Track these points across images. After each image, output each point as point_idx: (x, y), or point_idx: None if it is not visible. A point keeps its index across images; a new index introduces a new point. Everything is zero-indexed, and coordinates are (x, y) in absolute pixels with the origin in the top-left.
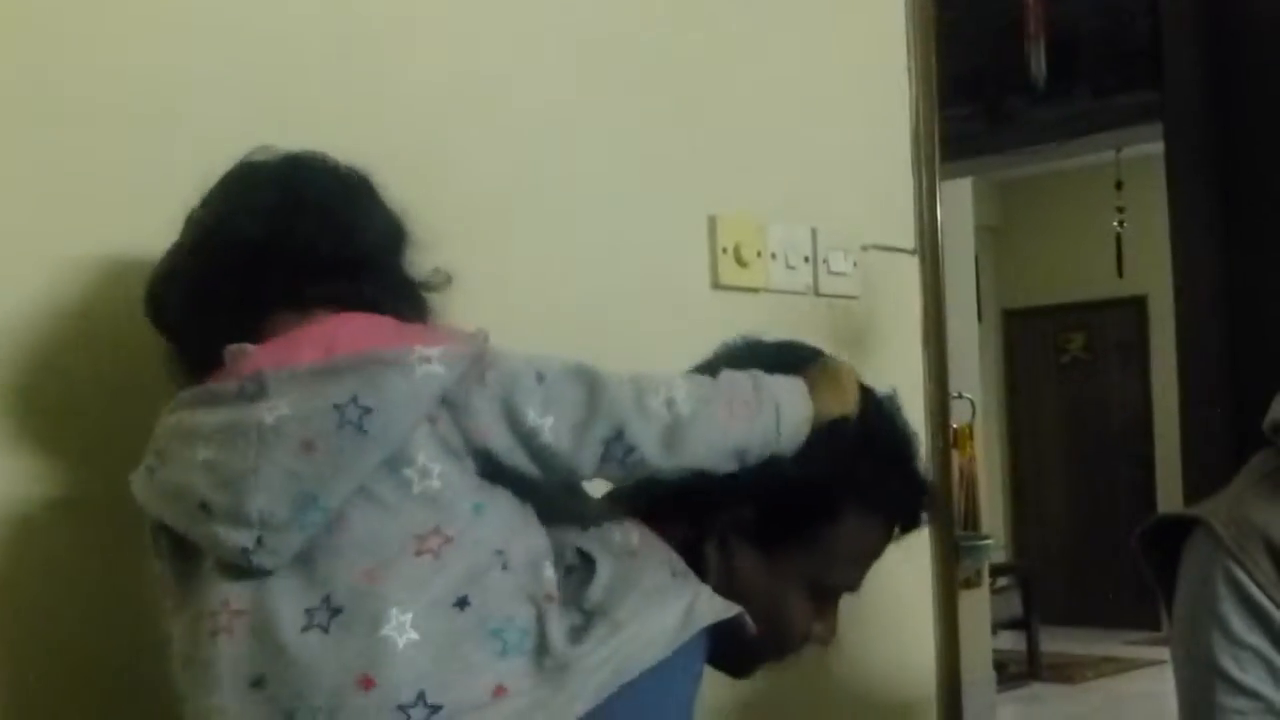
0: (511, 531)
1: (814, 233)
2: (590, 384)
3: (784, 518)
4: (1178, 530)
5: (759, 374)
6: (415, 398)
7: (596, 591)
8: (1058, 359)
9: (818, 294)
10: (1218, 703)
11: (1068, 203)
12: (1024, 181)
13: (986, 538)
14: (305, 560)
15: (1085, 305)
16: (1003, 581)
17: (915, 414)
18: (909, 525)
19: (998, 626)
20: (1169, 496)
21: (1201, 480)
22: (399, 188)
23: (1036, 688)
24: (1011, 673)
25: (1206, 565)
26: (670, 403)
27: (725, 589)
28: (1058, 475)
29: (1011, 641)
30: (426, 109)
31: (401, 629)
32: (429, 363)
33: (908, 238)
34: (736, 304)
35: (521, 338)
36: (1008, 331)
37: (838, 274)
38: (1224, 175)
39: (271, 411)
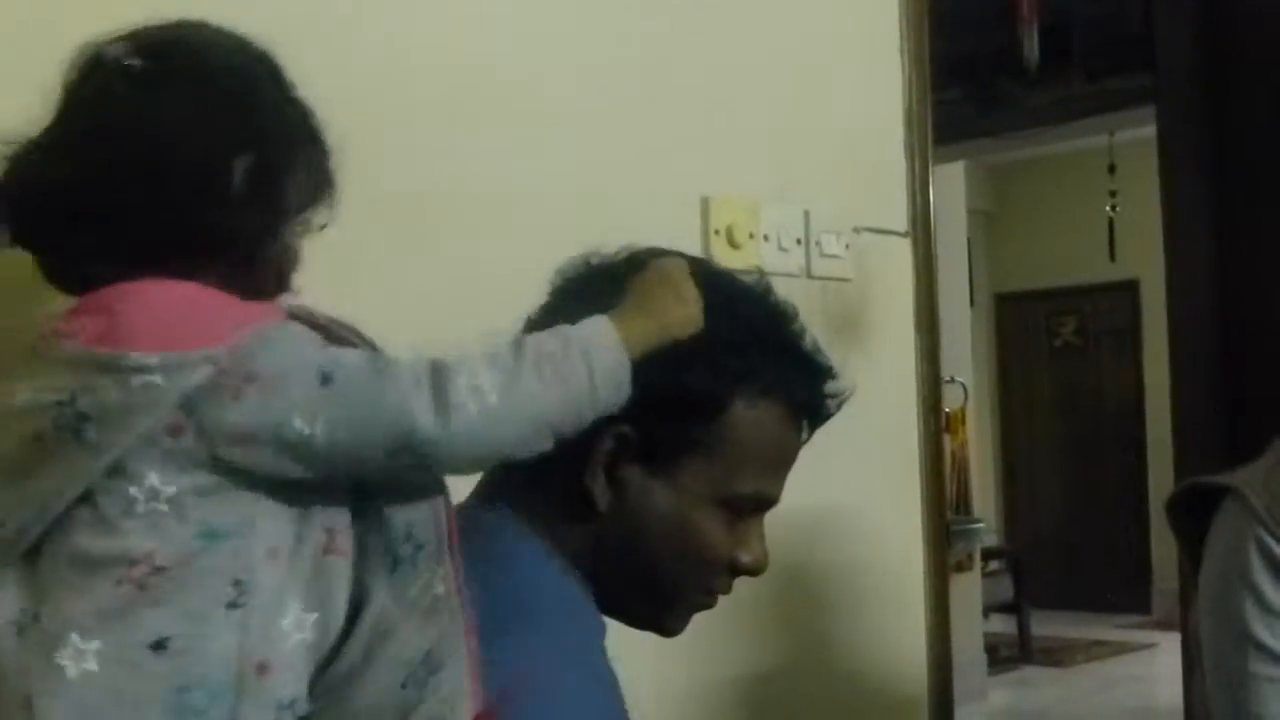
0: (268, 557)
1: (807, 215)
2: (382, 381)
3: (669, 425)
4: (1208, 499)
5: (566, 331)
6: (132, 410)
7: (328, 677)
8: (1050, 343)
9: (810, 276)
10: (1251, 670)
11: (1061, 187)
12: (1017, 165)
13: (978, 521)
14: (34, 557)
15: (1078, 290)
16: (994, 565)
17: (908, 398)
18: (811, 409)
19: (989, 610)
20: (1160, 480)
21: (1194, 464)
22: (393, 174)
23: (1027, 671)
24: (1002, 656)
25: (1239, 533)
26: (476, 390)
27: (628, 529)
28: (1050, 459)
29: (1002, 625)
30: (419, 94)
31: (80, 658)
32: (147, 373)
33: (900, 220)
34: None
35: (517, 319)
36: (1000, 316)
37: (830, 256)
38: (1217, 159)
39: (15, 394)
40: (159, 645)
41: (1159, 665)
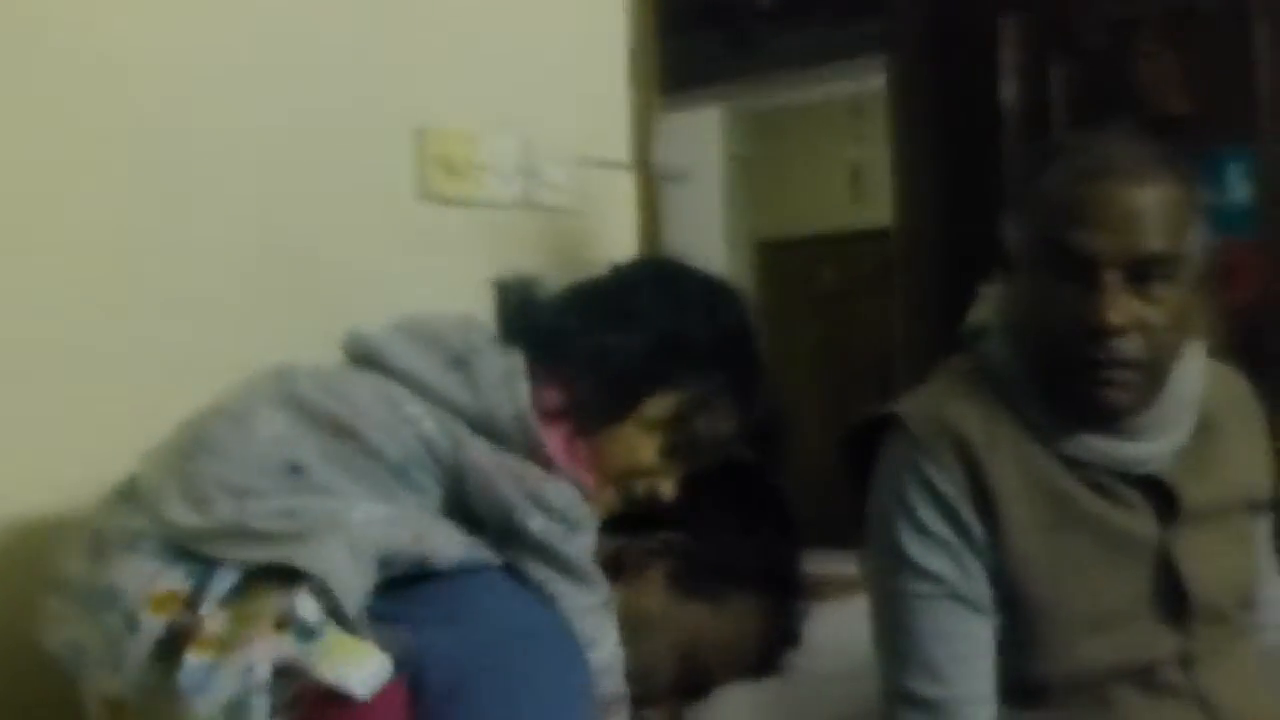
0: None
1: (526, 144)
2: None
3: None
4: (878, 432)
5: None
6: None
7: None
8: (808, 290)
9: (530, 206)
10: (903, 588)
11: (815, 133)
12: (776, 112)
13: None
14: None
15: (833, 237)
16: None
17: None
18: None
19: None
20: None
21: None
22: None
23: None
24: None
25: (900, 460)
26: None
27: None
28: (810, 405)
29: None
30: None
31: None
32: None
33: (624, 153)
34: (447, 216)
35: (235, 261)
36: (761, 263)
37: (552, 186)
38: (945, 106)
39: None
40: None
41: None
